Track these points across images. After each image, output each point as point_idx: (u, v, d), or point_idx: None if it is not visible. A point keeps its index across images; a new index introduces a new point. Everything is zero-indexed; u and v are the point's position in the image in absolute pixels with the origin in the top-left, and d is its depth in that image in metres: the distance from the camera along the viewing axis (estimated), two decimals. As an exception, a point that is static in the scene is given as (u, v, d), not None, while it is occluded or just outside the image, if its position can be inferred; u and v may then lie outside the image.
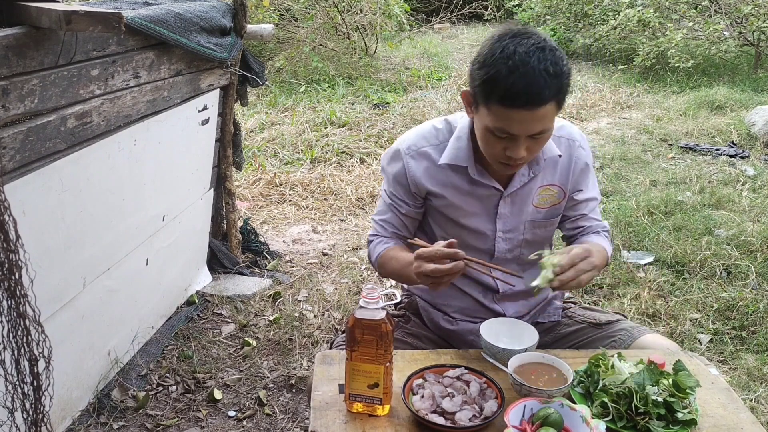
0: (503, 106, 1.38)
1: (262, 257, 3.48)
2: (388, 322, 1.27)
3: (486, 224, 1.65)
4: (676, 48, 7.47)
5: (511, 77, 1.35)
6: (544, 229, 1.70)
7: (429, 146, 1.64)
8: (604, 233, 1.74)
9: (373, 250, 1.73)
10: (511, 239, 1.67)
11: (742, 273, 3.30)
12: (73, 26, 1.59)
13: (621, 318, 1.74)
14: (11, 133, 1.69)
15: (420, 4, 11.12)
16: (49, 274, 1.94)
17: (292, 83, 7.08)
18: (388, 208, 1.71)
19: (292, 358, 2.73)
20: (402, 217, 1.70)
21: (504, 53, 1.36)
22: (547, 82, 1.35)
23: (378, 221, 1.75)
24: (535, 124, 1.40)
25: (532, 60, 1.34)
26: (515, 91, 1.35)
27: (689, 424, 1.27)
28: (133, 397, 2.44)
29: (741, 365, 2.68)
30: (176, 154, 2.66)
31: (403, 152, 1.65)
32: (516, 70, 1.34)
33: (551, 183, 1.65)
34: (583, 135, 1.71)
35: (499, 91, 1.36)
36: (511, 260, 1.71)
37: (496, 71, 1.36)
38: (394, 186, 1.68)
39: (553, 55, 1.37)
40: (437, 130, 1.66)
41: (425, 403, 1.31)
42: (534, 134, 1.42)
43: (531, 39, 1.38)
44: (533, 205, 1.65)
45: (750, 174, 4.67)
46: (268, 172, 4.67)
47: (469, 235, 1.66)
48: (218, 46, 2.67)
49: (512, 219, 1.65)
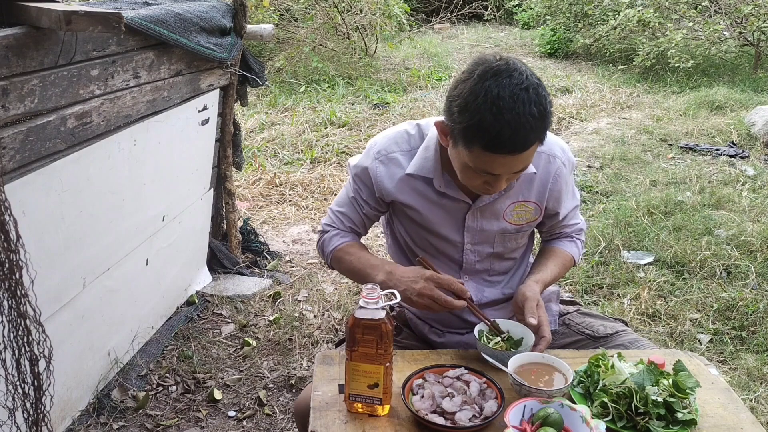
0: (487, 151, 1.34)
1: (262, 257, 3.48)
2: (388, 322, 1.27)
3: (454, 235, 1.63)
4: (676, 48, 7.48)
5: (496, 125, 1.30)
6: (514, 242, 1.69)
7: (399, 152, 1.61)
8: (577, 236, 1.77)
9: (328, 242, 1.71)
10: (479, 251, 1.66)
11: (742, 273, 3.30)
12: (73, 26, 1.59)
13: (620, 330, 1.71)
14: (11, 133, 1.69)
15: (420, 4, 11.12)
16: (49, 274, 1.94)
17: (292, 83, 7.08)
18: (350, 202, 1.69)
19: (292, 358, 2.73)
20: (362, 216, 1.69)
21: (488, 98, 1.30)
22: (533, 126, 1.31)
23: (336, 212, 1.72)
24: (518, 164, 1.38)
25: (517, 105, 1.30)
26: (502, 139, 1.31)
27: (689, 424, 1.27)
28: (133, 397, 2.44)
29: (741, 365, 2.68)
30: (176, 154, 2.66)
31: (372, 155, 1.63)
32: (501, 117, 1.29)
33: (527, 200, 1.62)
34: (566, 150, 1.66)
35: (484, 138, 1.32)
36: (481, 271, 1.69)
37: (480, 118, 1.31)
38: (361, 185, 1.66)
39: (537, 95, 1.32)
40: (409, 135, 1.63)
41: (425, 403, 1.31)
42: (516, 171, 1.41)
43: (513, 79, 1.32)
44: (506, 220, 1.62)
45: (750, 174, 4.67)
46: (268, 172, 4.67)
47: (439, 242, 1.65)
48: (218, 46, 2.67)
49: (481, 233, 1.63)
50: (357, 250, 1.66)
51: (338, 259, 1.69)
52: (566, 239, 1.76)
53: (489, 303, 1.70)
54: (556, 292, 1.80)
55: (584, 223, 1.80)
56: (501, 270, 1.72)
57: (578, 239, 1.78)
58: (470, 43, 9.92)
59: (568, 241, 1.76)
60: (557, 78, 7.72)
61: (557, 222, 1.71)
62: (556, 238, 1.77)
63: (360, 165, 1.65)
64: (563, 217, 1.70)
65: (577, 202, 1.74)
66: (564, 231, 1.76)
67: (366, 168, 1.63)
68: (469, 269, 1.68)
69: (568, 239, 1.76)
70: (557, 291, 1.81)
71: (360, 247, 1.69)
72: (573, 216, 1.74)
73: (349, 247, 1.68)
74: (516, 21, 11.50)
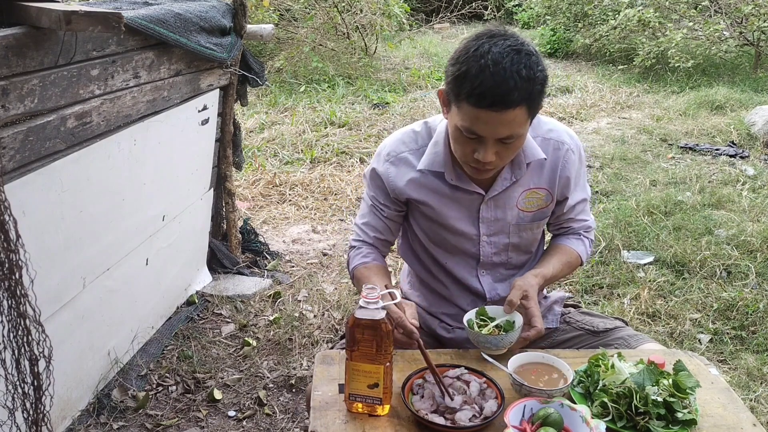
0: (471, 105, 1.35)
1: (262, 257, 3.48)
2: (388, 322, 1.27)
3: (469, 228, 1.64)
4: (676, 48, 7.47)
5: (480, 75, 1.32)
6: (530, 232, 1.69)
7: (408, 151, 1.63)
8: (585, 234, 1.76)
9: (352, 259, 1.73)
10: (495, 243, 1.66)
11: (742, 273, 3.30)
12: (73, 26, 1.59)
13: (620, 325, 1.71)
14: (11, 133, 1.69)
15: (420, 4, 11.12)
16: (49, 274, 1.94)
17: (292, 83, 7.08)
18: (370, 210, 1.70)
19: (292, 358, 2.73)
20: (384, 220, 1.70)
21: (478, 51, 1.34)
22: (518, 84, 1.32)
23: (360, 225, 1.73)
24: (502, 128, 1.37)
25: (504, 61, 1.32)
26: (483, 90, 1.32)
27: (689, 424, 1.27)
28: (133, 397, 2.44)
29: (741, 365, 2.68)
30: (176, 154, 2.66)
31: (383, 158, 1.65)
32: (487, 68, 1.32)
33: (538, 186, 1.62)
34: (574, 137, 1.67)
35: (468, 88, 1.34)
36: (498, 265, 1.70)
37: (467, 68, 1.34)
38: (375, 190, 1.68)
39: (528, 60, 1.34)
40: (416, 133, 1.64)
41: (425, 403, 1.31)
42: (502, 138, 1.40)
43: (508, 41, 1.35)
44: (519, 208, 1.63)
45: (750, 174, 4.67)
46: (268, 172, 4.67)
47: (454, 238, 1.65)
48: (218, 46, 2.67)
49: (496, 223, 1.63)
50: (371, 274, 1.65)
51: (356, 279, 1.70)
52: (574, 236, 1.75)
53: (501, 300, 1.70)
54: (562, 297, 1.81)
55: (593, 222, 1.79)
56: (518, 263, 1.72)
57: (586, 237, 1.76)
58: (470, 43, 9.91)
59: (575, 239, 1.74)
60: (557, 78, 7.72)
61: (564, 212, 1.70)
62: (563, 233, 1.76)
63: (372, 170, 1.68)
64: (572, 207, 1.69)
65: (587, 195, 1.74)
66: (572, 226, 1.75)
67: (377, 171, 1.65)
68: (487, 262, 1.68)
69: (575, 236, 1.75)
70: (563, 296, 1.82)
71: (374, 270, 1.66)
72: (582, 210, 1.73)
73: (365, 269, 1.67)
74: (516, 21, 11.50)
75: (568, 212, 1.70)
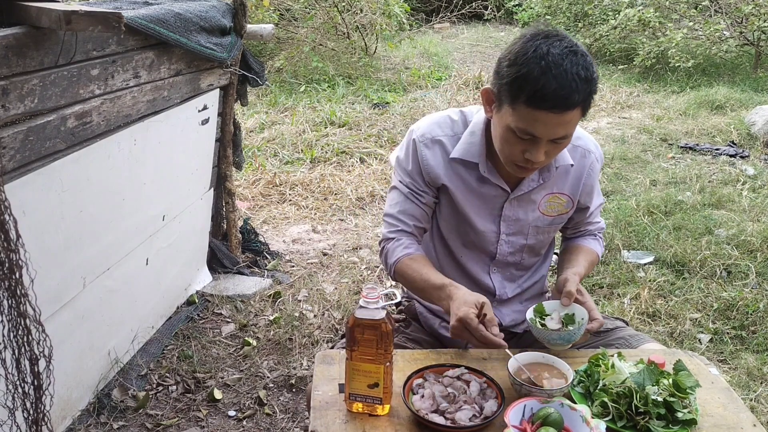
0: (530, 107, 1.35)
1: (262, 257, 3.48)
2: (388, 321, 1.27)
3: (490, 225, 1.64)
4: (676, 48, 7.47)
5: (543, 78, 1.32)
6: (546, 235, 1.71)
7: (444, 135, 1.61)
8: (599, 235, 1.81)
9: (391, 252, 1.64)
10: (513, 242, 1.67)
11: (742, 273, 3.30)
12: (73, 26, 1.59)
13: (620, 325, 1.73)
14: (11, 133, 1.69)
15: (420, 4, 11.11)
16: (49, 274, 1.94)
17: (292, 83, 7.08)
18: (407, 198, 1.63)
19: (292, 358, 2.73)
20: (423, 207, 1.64)
21: (537, 53, 1.34)
22: (578, 86, 1.33)
23: (395, 215, 1.65)
24: (559, 128, 1.38)
25: (565, 63, 1.32)
26: (546, 92, 1.32)
27: (689, 424, 1.27)
28: (133, 396, 2.44)
29: (741, 365, 2.68)
30: (176, 154, 2.66)
31: (417, 140, 1.61)
32: (549, 71, 1.32)
33: (561, 191, 1.64)
34: (598, 146, 1.69)
35: (529, 90, 1.34)
36: (511, 264, 1.71)
37: (528, 70, 1.33)
38: (412, 175, 1.63)
39: (584, 60, 1.35)
40: (453, 121, 1.63)
41: (425, 403, 1.31)
42: (556, 138, 1.40)
43: (564, 42, 1.36)
44: (540, 211, 1.64)
45: (750, 174, 4.67)
46: (268, 172, 4.67)
47: (473, 233, 1.66)
48: (218, 45, 2.67)
49: (516, 222, 1.64)
50: (420, 266, 1.59)
51: (401, 273, 1.63)
52: (590, 237, 1.79)
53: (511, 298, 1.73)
54: None
55: (604, 223, 1.85)
56: (528, 264, 1.74)
57: (600, 238, 1.82)
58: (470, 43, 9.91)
59: (592, 239, 1.79)
60: (557, 78, 7.71)
61: (584, 218, 1.74)
62: (580, 235, 1.79)
63: (407, 154, 1.63)
64: (591, 215, 1.73)
65: (602, 200, 1.78)
66: (588, 228, 1.79)
67: (413, 154, 1.61)
68: (501, 261, 1.69)
69: (591, 237, 1.79)
70: None
71: (422, 261, 1.61)
72: (597, 214, 1.78)
73: (412, 261, 1.60)
74: (516, 20, 11.48)
75: (588, 216, 1.74)
